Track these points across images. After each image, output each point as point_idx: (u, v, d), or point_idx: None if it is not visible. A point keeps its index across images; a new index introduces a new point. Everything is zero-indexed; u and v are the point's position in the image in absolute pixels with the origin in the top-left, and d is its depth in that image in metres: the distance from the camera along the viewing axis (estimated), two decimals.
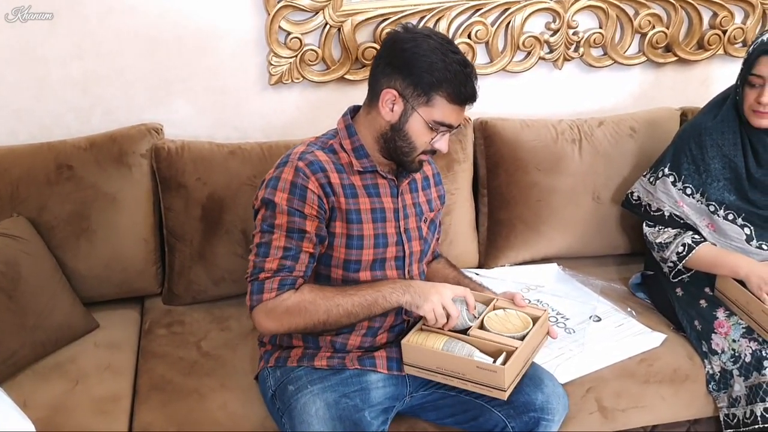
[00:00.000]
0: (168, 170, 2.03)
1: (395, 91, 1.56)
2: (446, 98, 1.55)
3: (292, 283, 1.56)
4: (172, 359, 1.89)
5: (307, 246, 1.58)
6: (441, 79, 1.53)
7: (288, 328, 1.58)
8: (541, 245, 2.29)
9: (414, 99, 1.56)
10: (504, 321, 1.70)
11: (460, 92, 1.55)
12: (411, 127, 1.58)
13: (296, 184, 1.57)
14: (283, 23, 2.14)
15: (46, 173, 1.96)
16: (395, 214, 1.69)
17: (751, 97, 1.90)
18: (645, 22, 2.40)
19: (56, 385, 1.78)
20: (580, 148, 2.27)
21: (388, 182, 1.68)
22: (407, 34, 1.58)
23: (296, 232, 1.56)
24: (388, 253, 1.67)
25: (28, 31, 2.03)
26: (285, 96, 2.27)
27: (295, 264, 1.56)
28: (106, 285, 2.05)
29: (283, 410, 1.64)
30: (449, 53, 1.54)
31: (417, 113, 1.57)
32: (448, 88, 1.54)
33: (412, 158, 1.63)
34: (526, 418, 1.64)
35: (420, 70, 1.53)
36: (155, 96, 2.18)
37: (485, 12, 2.28)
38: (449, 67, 1.53)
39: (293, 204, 1.56)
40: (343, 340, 1.68)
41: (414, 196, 1.75)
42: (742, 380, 1.85)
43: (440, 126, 1.58)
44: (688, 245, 1.97)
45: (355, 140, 1.65)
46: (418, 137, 1.59)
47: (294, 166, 1.58)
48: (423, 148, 1.61)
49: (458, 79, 1.54)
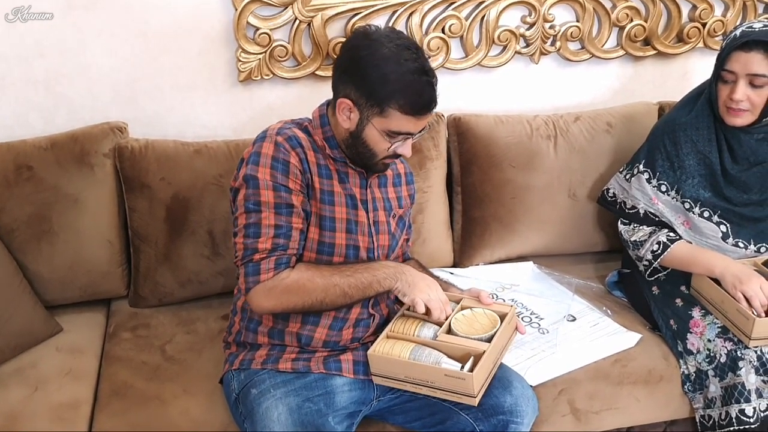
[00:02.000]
0: (131, 170, 1.98)
1: (350, 100, 1.54)
2: (399, 110, 1.52)
3: (287, 261, 1.55)
4: (135, 364, 1.85)
5: (297, 222, 1.57)
6: (393, 91, 1.50)
7: (286, 307, 1.57)
8: (517, 243, 2.26)
9: (368, 109, 1.54)
10: (471, 321, 1.67)
11: (414, 102, 1.52)
12: (368, 136, 1.57)
13: (278, 158, 1.55)
14: (251, 18, 2.10)
15: (5, 174, 1.91)
16: (364, 204, 1.68)
17: (724, 93, 1.86)
18: (623, 15, 2.36)
19: (14, 392, 1.74)
20: (555, 144, 2.23)
21: (358, 173, 1.67)
22: (365, 40, 1.54)
23: (284, 207, 1.55)
24: (360, 241, 1.66)
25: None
26: (255, 93, 2.23)
27: (288, 242, 1.56)
28: (70, 288, 2.01)
29: (245, 414, 1.61)
30: (404, 62, 1.50)
31: (371, 124, 1.55)
32: (400, 100, 1.51)
33: (374, 162, 1.62)
34: (494, 420, 1.61)
35: (372, 81, 1.51)
36: (121, 94, 2.14)
37: (459, 5, 2.23)
38: (402, 77, 1.49)
39: (277, 179, 1.54)
40: (309, 333, 1.65)
41: (383, 191, 1.74)
42: (717, 381, 1.82)
43: (397, 135, 1.56)
44: (663, 243, 1.94)
45: (327, 131, 1.64)
46: (376, 145, 1.58)
47: (273, 141, 1.57)
48: (384, 154, 1.60)
49: (411, 90, 1.50)
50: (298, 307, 1.58)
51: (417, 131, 1.58)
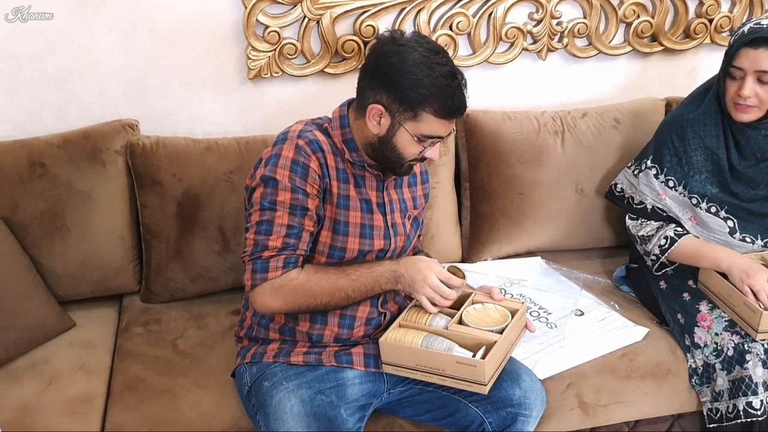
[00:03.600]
0: (143, 167, 2.00)
1: (381, 106, 1.55)
2: (433, 113, 1.53)
3: (295, 261, 1.57)
4: (147, 358, 1.86)
5: (309, 224, 1.58)
6: (426, 95, 1.50)
7: (291, 307, 1.58)
8: (524, 239, 2.27)
9: (400, 114, 1.54)
10: (482, 315, 1.68)
11: (447, 106, 1.52)
12: (398, 141, 1.57)
13: (298, 161, 1.56)
14: (260, 16, 2.11)
15: (18, 171, 1.93)
16: (380, 207, 1.68)
17: (732, 90, 1.87)
18: (630, 12, 2.37)
19: (28, 386, 1.76)
20: (562, 140, 2.24)
21: (374, 177, 1.67)
22: (393, 46, 1.54)
23: (299, 209, 1.56)
24: (375, 245, 1.67)
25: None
26: (264, 90, 2.24)
27: (298, 242, 1.57)
28: (83, 283, 2.03)
29: (258, 407, 1.62)
30: (435, 66, 1.51)
31: (404, 128, 1.55)
32: (434, 104, 1.51)
33: (401, 165, 1.62)
34: (503, 413, 1.63)
35: (405, 87, 1.51)
36: (131, 91, 2.15)
37: (467, 3, 2.24)
38: (435, 81, 1.50)
39: (295, 182, 1.55)
40: (319, 332, 1.66)
41: (399, 192, 1.74)
42: (724, 374, 1.83)
43: (428, 139, 1.57)
44: (671, 238, 1.95)
45: (346, 132, 1.64)
46: (405, 149, 1.59)
47: (294, 143, 1.57)
48: (412, 158, 1.61)
49: (444, 94, 1.51)
50: (302, 309, 1.60)
51: (446, 134, 1.59)
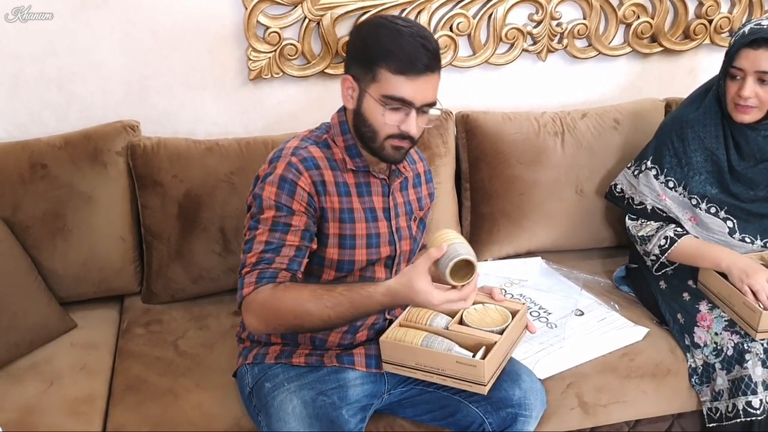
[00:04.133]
0: (144, 168, 2.01)
1: (350, 76, 1.53)
2: (389, 69, 1.46)
3: (271, 276, 1.49)
4: (148, 359, 1.87)
5: (292, 239, 1.52)
6: (381, 51, 1.47)
7: (267, 325, 1.50)
8: (525, 239, 2.27)
9: (363, 80, 1.51)
10: (483, 315, 1.68)
11: (400, 59, 1.45)
12: (366, 109, 1.52)
13: (286, 178, 1.53)
14: (261, 17, 2.12)
15: (20, 172, 1.94)
16: (386, 213, 1.66)
17: (732, 90, 1.88)
18: (629, 12, 2.38)
19: (30, 387, 1.76)
20: (562, 141, 2.25)
21: (380, 181, 1.65)
22: (368, 24, 1.56)
23: (281, 225, 1.51)
24: (382, 252, 1.65)
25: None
26: (265, 91, 2.25)
27: (275, 256, 1.50)
28: (84, 284, 2.03)
29: (259, 408, 1.62)
30: (398, 27, 1.48)
31: (368, 94, 1.51)
32: (388, 59, 1.46)
33: (379, 144, 1.54)
34: (503, 413, 1.63)
35: (364, 49, 1.50)
36: (132, 92, 2.16)
37: (467, 4, 2.25)
38: (393, 39, 1.46)
39: (281, 199, 1.52)
40: (323, 337, 1.66)
41: (404, 194, 1.72)
42: (724, 374, 1.83)
43: (389, 100, 1.49)
44: (671, 238, 1.95)
45: (348, 138, 1.60)
46: (374, 118, 1.52)
47: (287, 161, 1.55)
48: (386, 131, 1.53)
49: (401, 49, 1.45)
50: (280, 329, 1.52)
51: (416, 101, 1.49)
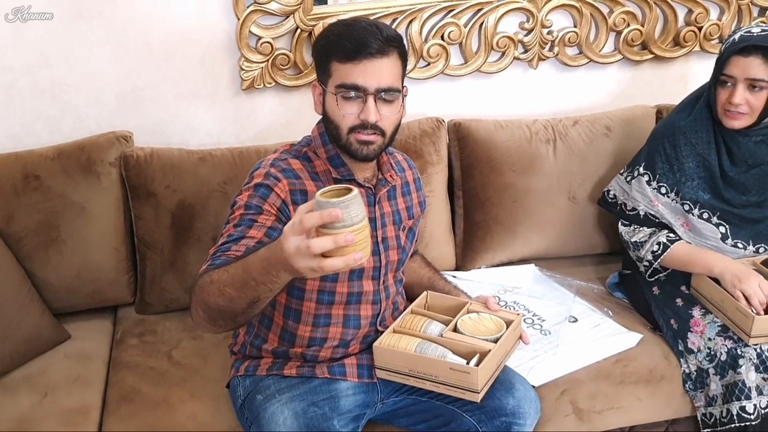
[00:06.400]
0: (137, 178, 2.01)
1: (316, 81, 1.56)
2: (338, 59, 1.49)
3: (222, 262, 1.35)
4: (142, 369, 1.87)
5: (254, 233, 1.44)
6: (332, 44, 1.50)
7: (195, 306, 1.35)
8: (518, 246, 2.28)
9: (323, 80, 1.54)
10: (477, 324, 1.69)
11: (345, 47, 1.47)
12: (328, 108, 1.54)
13: (261, 184, 1.53)
14: (253, 28, 2.13)
15: (13, 183, 1.94)
16: (372, 223, 1.64)
17: (723, 97, 1.89)
18: (620, 20, 2.39)
19: (24, 398, 1.76)
20: (554, 148, 2.26)
21: (366, 191, 1.64)
22: (323, 32, 1.57)
23: (246, 221, 1.47)
24: (366, 263, 1.63)
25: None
26: (257, 101, 2.26)
27: (232, 245, 1.41)
28: (78, 295, 2.03)
29: (251, 420, 1.62)
30: (352, 21, 1.53)
31: (327, 92, 1.53)
32: (338, 49, 1.48)
33: (344, 140, 1.53)
34: (497, 422, 1.62)
35: (321, 48, 1.53)
36: (125, 103, 2.16)
37: (458, 13, 2.26)
38: (343, 30, 1.50)
39: (252, 200, 1.51)
40: (314, 353, 1.65)
41: (392, 203, 1.71)
42: (718, 379, 1.84)
43: (341, 89, 1.49)
44: (663, 244, 1.96)
45: (330, 149, 1.60)
46: (334, 114, 1.52)
47: (266, 171, 1.55)
48: (346, 123, 1.51)
49: (351, 37, 1.47)
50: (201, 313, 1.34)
51: (369, 86, 1.48)
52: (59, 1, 2.01)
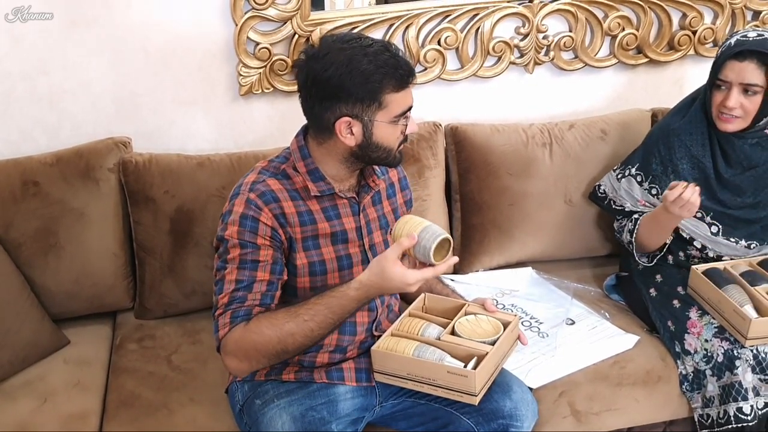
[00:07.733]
0: (136, 184, 2.01)
1: (347, 117, 1.51)
2: (393, 91, 1.51)
3: (245, 314, 1.49)
4: (142, 374, 1.87)
5: (262, 275, 1.52)
6: (379, 80, 1.49)
7: (251, 363, 1.51)
8: (515, 249, 2.29)
9: (368, 112, 1.51)
10: (475, 326, 1.69)
11: (399, 76, 1.51)
12: (379, 136, 1.54)
13: (247, 215, 1.53)
14: (251, 33, 2.14)
15: (12, 190, 1.95)
16: (358, 233, 1.65)
17: (717, 100, 1.91)
18: (615, 25, 2.40)
19: (23, 404, 1.77)
20: (550, 152, 2.27)
21: (348, 201, 1.64)
22: (318, 62, 1.50)
23: (249, 263, 1.52)
24: (355, 273, 1.61)
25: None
26: (256, 106, 2.27)
27: (247, 294, 1.50)
28: (77, 301, 2.03)
29: (250, 425, 1.63)
30: (367, 50, 1.50)
31: (378, 122, 1.53)
32: (390, 82, 1.50)
33: (392, 158, 1.60)
34: (495, 425, 1.63)
35: (357, 86, 1.48)
36: (123, 109, 2.17)
37: (454, 18, 2.28)
38: (377, 63, 1.48)
39: (244, 236, 1.52)
40: (310, 359, 1.66)
41: (378, 208, 1.71)
42: (715, 380, 1.85)
43: (401, 117, 1.55)
44: (635, 219, 2.00)
45: (309, 162, 1.59)
46: (388, 139, 1.56)
47: (245, 198, 1.55)
48: (397, 144, 1.59)
49: (391, 67, 1.49)
50: (265, 362, 1.51)
51: (412, 101, 1.57)
52: (59, 2, 2.02)
